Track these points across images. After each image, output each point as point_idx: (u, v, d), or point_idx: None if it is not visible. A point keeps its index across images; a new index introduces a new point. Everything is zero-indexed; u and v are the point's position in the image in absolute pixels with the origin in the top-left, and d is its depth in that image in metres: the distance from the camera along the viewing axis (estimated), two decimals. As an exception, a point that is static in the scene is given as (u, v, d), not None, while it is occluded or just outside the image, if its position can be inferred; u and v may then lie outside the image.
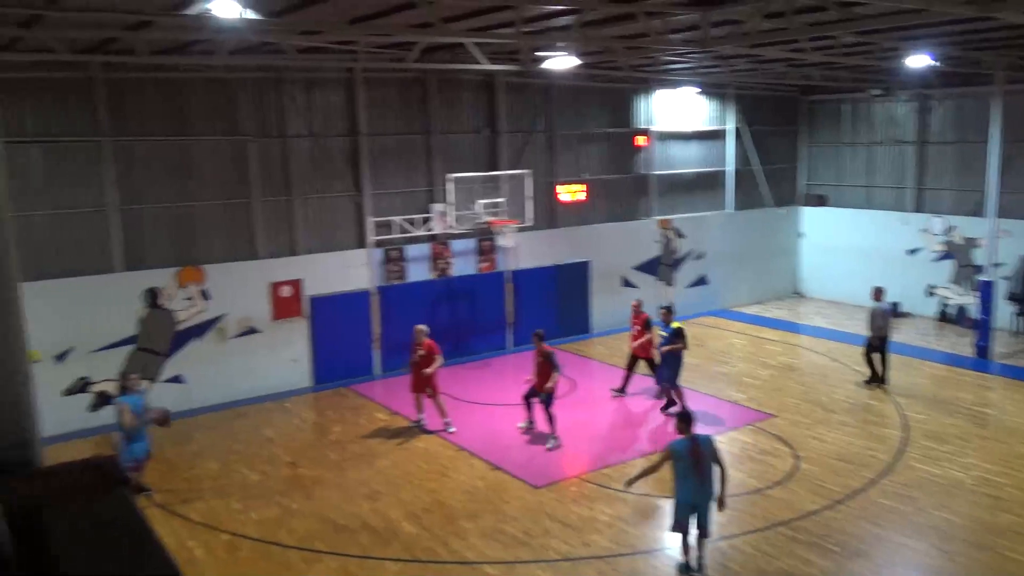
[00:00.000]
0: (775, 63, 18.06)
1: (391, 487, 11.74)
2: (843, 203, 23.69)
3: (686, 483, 8.85)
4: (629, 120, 20.85)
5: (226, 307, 15.57)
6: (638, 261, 21.21)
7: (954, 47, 15.10)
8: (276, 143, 16.02)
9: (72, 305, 14.05)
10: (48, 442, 9.20)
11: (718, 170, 22.84)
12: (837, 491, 11.21)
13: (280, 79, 15.85)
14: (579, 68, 16.74)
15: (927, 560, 9.54)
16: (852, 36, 12.92)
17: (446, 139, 17.96)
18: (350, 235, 17.02)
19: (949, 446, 12.83)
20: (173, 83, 14.83)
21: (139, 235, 14.82)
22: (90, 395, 14.39)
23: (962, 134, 21.05)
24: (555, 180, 19.58)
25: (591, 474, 12.01)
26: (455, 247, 18.19)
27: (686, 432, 8.97)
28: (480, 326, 18.70)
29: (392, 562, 9.64)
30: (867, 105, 22.85)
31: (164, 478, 12.05)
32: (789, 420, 14.07)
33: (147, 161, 14.77)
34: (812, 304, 23.59)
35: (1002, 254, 18.83)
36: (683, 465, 8.84)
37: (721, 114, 22.65)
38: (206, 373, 15.38)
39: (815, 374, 16.91)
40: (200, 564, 9.66)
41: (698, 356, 18.31)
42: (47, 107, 13.84)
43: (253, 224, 15.89)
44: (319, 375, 16.68)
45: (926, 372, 16.93)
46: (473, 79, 18.08)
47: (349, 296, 16.92)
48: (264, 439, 13.78)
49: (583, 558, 9.62)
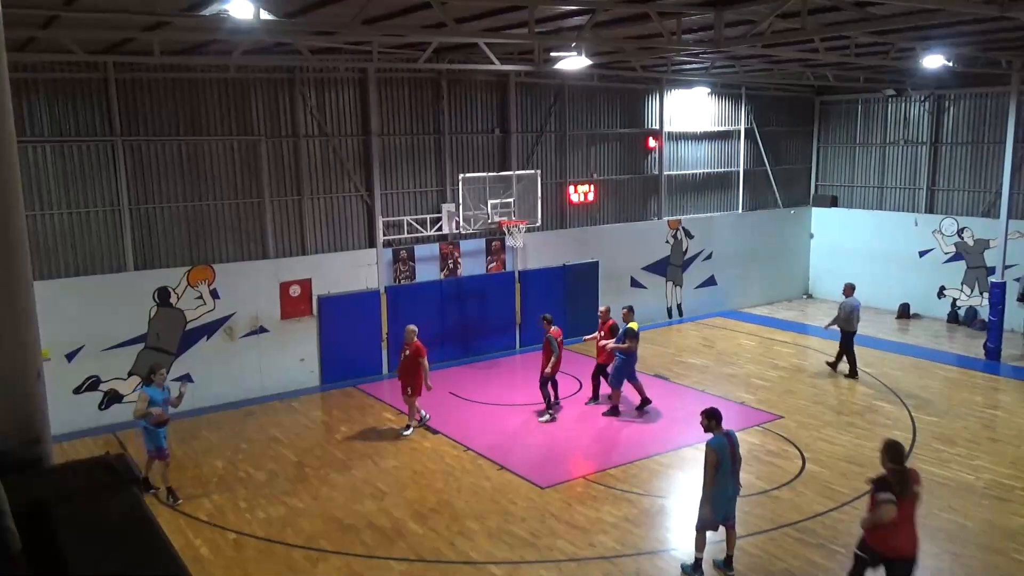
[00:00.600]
0: (789, 63, 18.01)
1: (397, 487, 11.77)
2: (855, 204, 23.60)
3: (726, 479, 8.94)
4: (641, 120, 20.83)
5: (235, 306, 15.63)
6: (647, 262, 21.19)
7: (970, 47, 15.03)
8: (288, 143, 16.07)
9: (83, 304, 14.13)
10: (58, 440, 9.24)
11: (729, 170, 22.79)
12: (845, 493, 11.17)
13: (293, 79, 15.90)
14: (591, 68, 16.75)
15: (936, 563, 9.48)
16: (867, 36, 12.87)
17: (457, 139, 17.98)
18: (360, 235, 17.06)
19: (959, 448, 12.77)
20: (186, 83, 14.90)
21: (151, 234, 14.90)
22: (100, 393, 14.47)
23: (976, 135, 20.95)
24: (565, 180, 19.59)
25: (597, 475, 12.00)
26: (464, 247, 18.21)
27: (717, 429, 9.01)
28: (488, 326, 18.71)
29: (397, 562, 9.65)
30: (880, 105, 22.76)
31: (171, 477, 12.09)
32: (798, 422, 14.03)
33: (159, 161, 14.84)
34: (822, 305, 23.49)
35: (1014, 255, 18.74)
36: (725, 461, 8.90)
37: (733, 114, 22.60)
38: (214, 372, 15.44)
39: (824, 376, 16.84)
40: (206, 563, 9.70)
41: (707, 357, 18.30)
42: (61, 107, 13.91)
43: (264, 223, 15.94)
44: (327, 375, 16.72)
45: (936, 374, 16.85)
46: (485, 79, 18.10)
47: (358, 296, 16.96)
48: (271, 438, 13.82)
49: (589, 559, 9.62)
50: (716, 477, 8.88)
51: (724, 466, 8.90)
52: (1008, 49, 16.01)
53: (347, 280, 16.83)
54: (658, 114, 21.05)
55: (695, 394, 15.64)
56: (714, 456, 8.87)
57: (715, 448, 8.90)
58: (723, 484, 8.97)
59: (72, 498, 2.10)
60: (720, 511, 9.02)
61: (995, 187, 20.07)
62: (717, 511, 9.00)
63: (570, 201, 19.67)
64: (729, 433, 9.12)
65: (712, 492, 8.96)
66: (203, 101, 15.14)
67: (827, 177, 24.39)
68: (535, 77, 18.41)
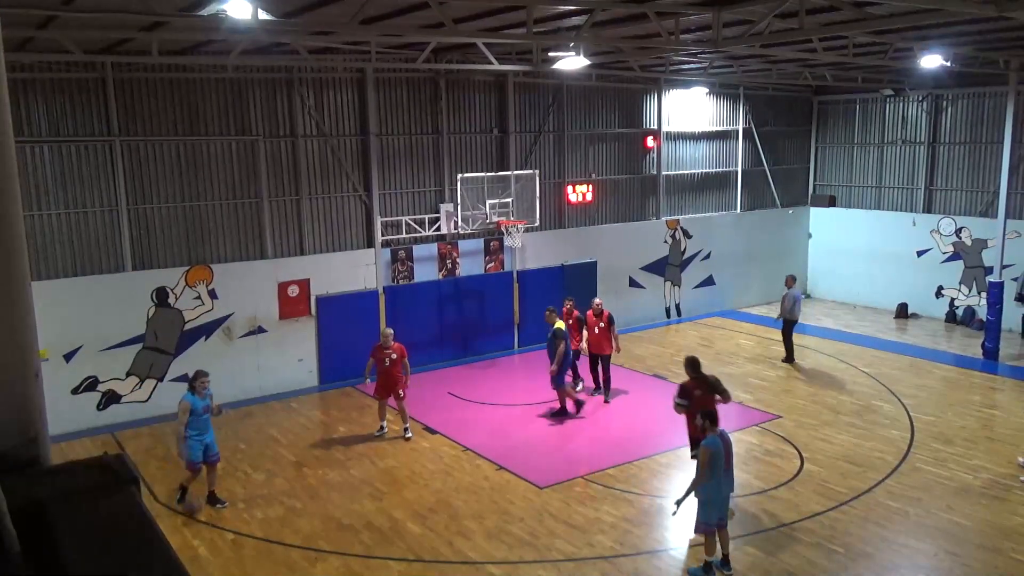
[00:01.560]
0: (787, 63, 18.02)
1: (396, 487, 11.76)
2: (853, 204, 23.63)
3: (722, 479, 8.98)
4: (639, 120, 20.84)
5: (233, 306, 15.62)
6: (646, 261, 21.20)
7: (968, 47, 15.05)
8: (286, 143, 16.06)
9: (81, 304, 14.12)
10: (56, 440, 9.23)
11: (727, 170, 22.81)
12: (843, 492, 11.18)
13: (291, 79, 15.89)
14: (590, 68, 16.76)
15: (933, 562, 9.50)
16: (865, 36, 12.88)
17: (456, 139, 17.98)
18: (358, 235, 17.05)
19: (957, 448, 12.78)
20: (184, 83, 14.89)
21: (149, 234, 14.89)
22: (98, 393, 14.46)
23: (974, 134, 20.98)
24: (564, 180, 19.59)
25: (595, 474, 12.01)
26: (463, 247, 18.21)
27: (713, 430, 9.05)
28: (487, 326, 18.71)
29: (396, 562, 9.65)
30: (878, 105, 22.79)
31: (169, 477, 12.10)
32: (795, 421, 14.04)
33: (157, 161, 14.83)
34: (820, 305, 23.52)
35: (1011, 255, 18.76)
36: (719, 462, 8.90)
37: (731, 114, 22.62)
38: (212, 372, 15.27)
39: (822, 375, 16.87)
40: (204, 563, 9.69)
41: (705, 357, 18.18)
42: (59, 107, 13.90)
43: (262, 224, 15.93)
44: (325, 375, 16.71)
45: (934, 373, 16.87)
46: (484, 79, 18.10)
47: (356, 296, 16.95)
48: (269, 438, 13.82)
49: (587, 558, 9.62)
50: (711, 477, 8.89)
51: (719, 466, 8.91)
52: (1006, 49, 16.04)
53: (345, 280, 16.82)
54: (656, 114, 21.06)
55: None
56: (707, 456, 8.88)
57: (709, 448, 8.91)
58: (720, 484, 8.99)
59: (70, 498, 2.10)
60: (719, 510, 9.04)
61: (993, 187, 20.11)
62: (716, 510, 9.01)
63: (568, 201, 19.67)
64: (723, 433, 9.15)
65: (709, 494, 8.97)
66: (201, 101, 15.13)
67: (825, 177, 24.41)
68: (533, 77, 18.41)
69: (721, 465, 8.94)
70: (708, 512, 9.01)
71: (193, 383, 11.03)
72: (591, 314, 15.10)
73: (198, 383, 10.97)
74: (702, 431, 9.12)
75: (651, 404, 15.00)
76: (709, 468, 8.88)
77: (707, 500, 8.99)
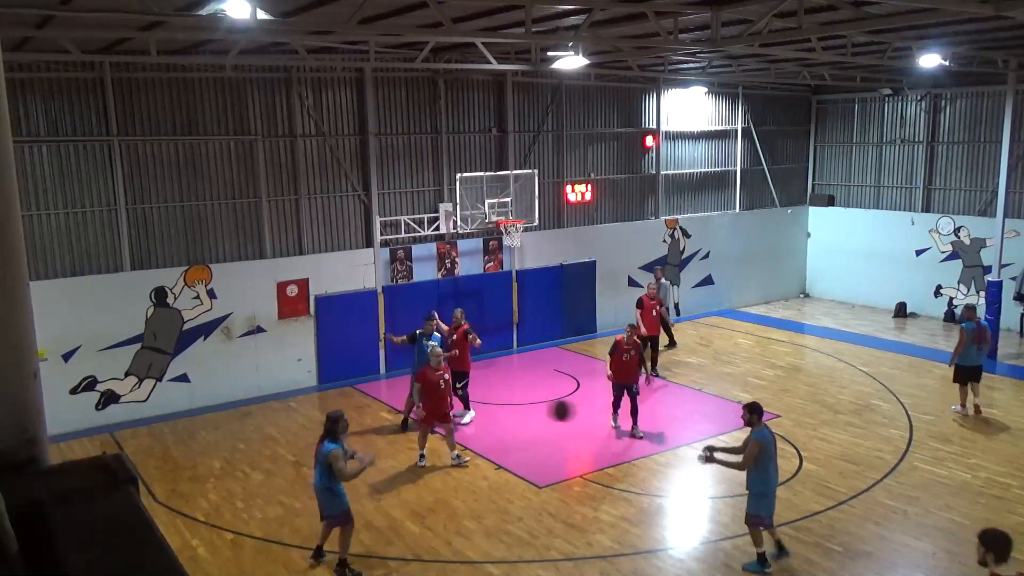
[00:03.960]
0: (786, 63, 18.03)
1: (394, 486, 11.76)
2: (851, 203, 23.64)
3: (772, 472, 9.06)
4: (638, 120, 20.84)
5: (232, 306, 15.61)
6: (644, 261, 21.20)
7: (966, 46, 15.06)
8: (285, 142, 16.05)
9: (80, 304, 14.11)
10: (54, 440, 9.21)
11: (726, 170, 22.81)
12: (842, 492, 11.19)
13: (290, 79, 15.88)
14: (588, 68, 16.74)
15: (932, 561, 9.51)
16: (863, 36, 12.89)
17: (455, 139, 17.98)
18: (357, 234, 17.05)
19: (955, 447, 12.79)
20: (183, 83, 14.88)
21: (147, 234, 14.88)
22: (97, 393, 14.45)
23: (972, 134, 21.00)
24: (563, 180, 19.59)
25: (595, 474, 12.01)
26: (462, 247, 18.20)
27: (759, 423, 9.12)
28: (486, 326, 18.67)
29: (395, 561, 9.65)
30: (877, 104, 22.80)
31: (168, 477, 12.09)
32: (794, 420, 14.04)
33: (156, 160, 14.81)
34: (819, 305, 23.54)
35: (1010, 254, 18.77)
36: (768, 455, 8.98)
37: (730, 113, 22.62)
38: (211, 372, 15.43)
39: (821, 375, 16.87)
40: (203, 563, 9.69)
41: (704, 356, 18.31)
42: (57, 107, 13.89)
43: (261, 223, 15.92)
44: (324, 374, 16.70)
45: (933, 373, 16.87)
46: (482, 79, 18.09)
47: (355, 296, 16.95)
48: (268, 438, 13.81)
49: (586, 558, 9.62)
50: (764, 469, 8.97)
51: (769, 459, 9.00)
52: (1004, 48, 16.05)
53: (344, 280, 16.82)
54: (655, 113, 21.06)
55: (692, 393, 15.67)
56: (757, 448, 8.94)
57: (759, 441, 8.97)
58: (771, 477, 9.09)
59: (68, 498, 2.10)
60: (770, 503, 9.16)
61: (991, 186, 20.13)
62: (769, 503, 9.13)
63: (567, 200, 19.67)
64: (767, 427, 9.24)
65: (763, 487, 9.06)
66: (200, 101, 15.12)
67: (824, 176, 24.42)
68: (532, 76, 18.41)
69: (773, 457, 9.03)
70: (763, 505, 9.10)
71: (335, 429, 9.21)
72: (646, 298, 15.25)
73: (339, 426, 9.22)
74: (748, 424, 9.17)
75: (651, 404, 14.98)
76: (759, 460, 8.95)
77: (760, 493, 9.07)
